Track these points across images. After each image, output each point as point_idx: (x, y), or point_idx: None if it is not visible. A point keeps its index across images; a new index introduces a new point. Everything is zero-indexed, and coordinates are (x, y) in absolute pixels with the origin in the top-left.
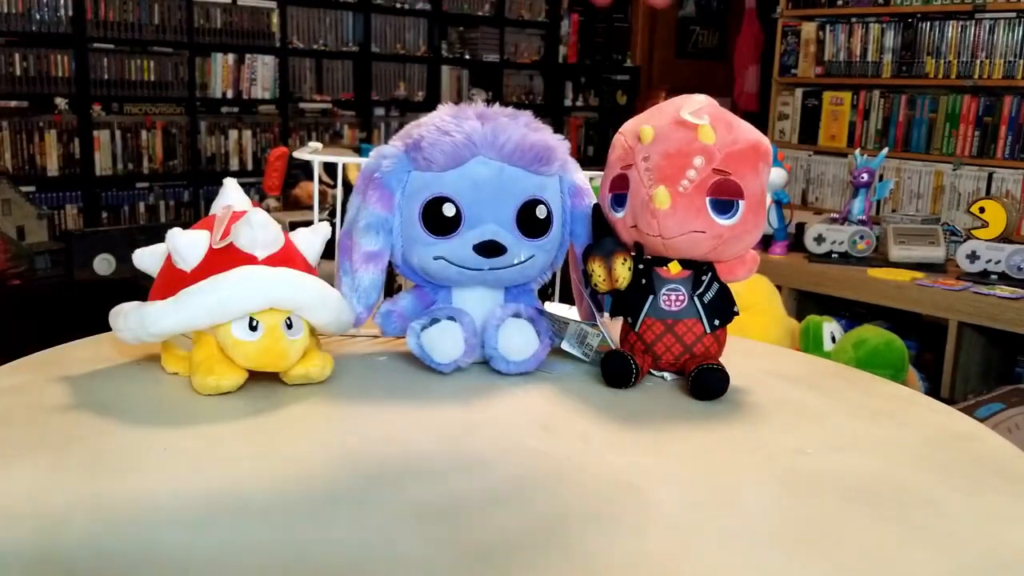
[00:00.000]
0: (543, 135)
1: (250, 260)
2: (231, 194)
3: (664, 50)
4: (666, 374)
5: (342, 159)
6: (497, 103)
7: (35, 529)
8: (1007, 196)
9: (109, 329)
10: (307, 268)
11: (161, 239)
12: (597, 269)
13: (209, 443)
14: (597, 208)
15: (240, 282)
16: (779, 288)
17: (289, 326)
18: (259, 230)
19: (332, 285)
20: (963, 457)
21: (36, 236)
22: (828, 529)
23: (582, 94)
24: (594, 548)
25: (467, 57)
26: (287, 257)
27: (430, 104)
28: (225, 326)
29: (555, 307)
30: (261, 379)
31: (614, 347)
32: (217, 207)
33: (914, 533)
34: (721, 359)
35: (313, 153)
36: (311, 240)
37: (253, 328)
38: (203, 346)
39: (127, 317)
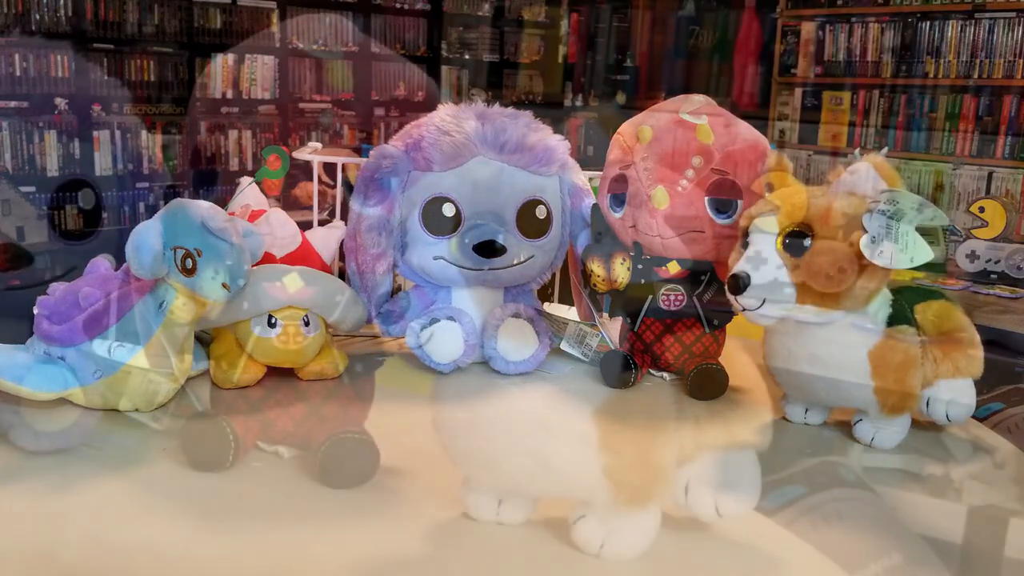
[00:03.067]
0: (543, 135)
1: (269, 259)
2: (249, 193)
3: (664, 50)
4: (666, 374)
5: (342, 159)
6: (497, 103)
7: (35, 529)
8: (1007, 196)
9: None
10: (323, 267)
11: None
12: (596, 269)
13: (210, 442)
14: (596, 208)
15: (261, 281)
16: None
17: (306, 324)
18: (278, 229)
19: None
20: (963, 457)
21: (36, 236)
22: (828, 528)
23: (582, 94)
24: (594, 547)
25: (467, 57)
26: (304, 256)
27: (430, 104)
28: (245, 323)
29: (555, 307)
30: (272, 376)
31: (614, 347)
32: (235, 206)
33: (913, 532)
34: (720, 359)
35: (313, 153)
36: (327, 239)
37: (272, 325)
38: (223, 341)
39: None
